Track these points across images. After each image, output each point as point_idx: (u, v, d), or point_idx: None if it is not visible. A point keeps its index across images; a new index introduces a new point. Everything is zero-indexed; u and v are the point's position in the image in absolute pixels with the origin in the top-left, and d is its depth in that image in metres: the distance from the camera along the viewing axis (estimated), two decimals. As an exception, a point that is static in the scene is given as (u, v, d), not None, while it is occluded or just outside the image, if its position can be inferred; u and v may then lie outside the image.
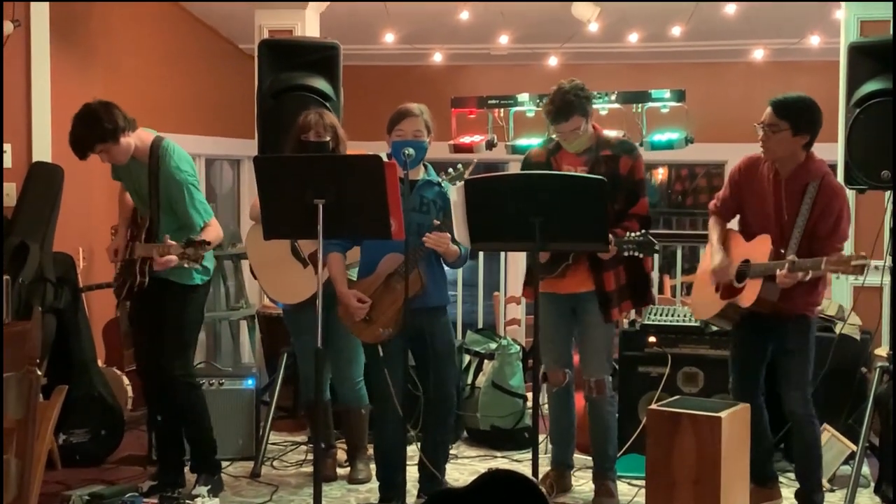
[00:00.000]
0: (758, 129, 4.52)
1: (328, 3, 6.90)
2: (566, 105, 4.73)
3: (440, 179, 4.72)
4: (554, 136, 4.95)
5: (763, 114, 4.52)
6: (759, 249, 4.52)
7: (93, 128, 4.67)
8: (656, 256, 6.50)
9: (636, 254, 4.58)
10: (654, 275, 6.30)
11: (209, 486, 4.96)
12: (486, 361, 6.15)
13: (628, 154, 4.87)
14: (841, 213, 4.50)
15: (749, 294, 4.49)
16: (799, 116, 4.47)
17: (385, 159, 4.28)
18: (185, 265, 4.65)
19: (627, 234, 4.60)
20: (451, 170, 4.69)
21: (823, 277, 4.59)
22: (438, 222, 4.59)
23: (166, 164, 4.77)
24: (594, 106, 5.22)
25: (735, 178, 4.76)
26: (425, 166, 4.78)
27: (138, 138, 4.81)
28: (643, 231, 4.63)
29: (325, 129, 5.02)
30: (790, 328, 4.56)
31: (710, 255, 4.74)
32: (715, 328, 5.22)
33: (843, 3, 6.16)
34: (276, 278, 5.29)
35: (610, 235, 4.53)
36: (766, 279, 4.44)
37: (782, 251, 4.46)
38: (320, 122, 5.03)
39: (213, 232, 4.83)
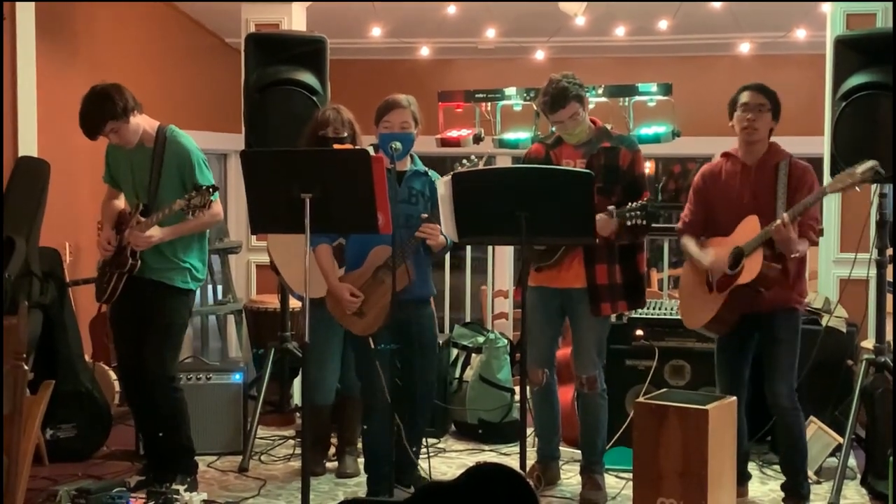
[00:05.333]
0: (744, 114, 4.58)
1: (314, -2, 6.89)
2: (561, 91, 4.74)
3: (426, 169, 4.73)
4: (553, 128, 4.94)
5: (743, 99, 4.59)
6: (748, 231, 4.51)
7: (104, 106, 4.70)
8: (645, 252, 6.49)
9: (641, 222, 4.59)
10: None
11: (186, 486, 4.93)
12: (473, 355, 6.15)
13: (628, 147, 4.88)
14: (813, 186, 4.56)
15: (751, 268, 4.45)
16: (775, 98, 4.64)
17: (372, 152, 4.28)
18: (191, 216, 4.68)
19: (629, 203, 4.62)
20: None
21: (805, 266, 4.62)
22: (427, 215, 4.60)
23: (179, 142, 4.83)
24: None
25: (700, 188, 4.79)
26: (412, 157, 4.78)
27: (146, 122, 4.85)
28: (644, 202, 4.64)
29: (342, 125, 5.02)
30: (779, 319, 4.58)
31: (696, 261, 4.72)
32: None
33: (828, -2, 6.18)
34: (301, 273, 5.21)
35: (611, 208, 4.61)
36: (764, 258, 4.42)
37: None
38: (338, 119, 5.03)
39: (217, 206, 4.85)
